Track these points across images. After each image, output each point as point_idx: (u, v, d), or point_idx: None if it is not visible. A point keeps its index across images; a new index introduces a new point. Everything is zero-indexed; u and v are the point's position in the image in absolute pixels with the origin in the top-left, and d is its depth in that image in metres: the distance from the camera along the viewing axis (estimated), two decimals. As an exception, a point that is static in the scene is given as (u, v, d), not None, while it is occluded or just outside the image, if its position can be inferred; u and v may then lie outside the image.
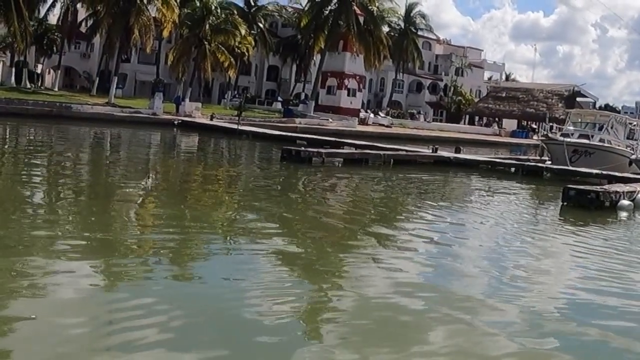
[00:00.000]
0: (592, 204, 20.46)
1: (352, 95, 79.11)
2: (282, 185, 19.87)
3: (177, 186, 18.08)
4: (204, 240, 12.57)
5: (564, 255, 14.00)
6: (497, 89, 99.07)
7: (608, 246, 14.93)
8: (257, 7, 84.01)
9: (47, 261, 9.81)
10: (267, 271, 10.49)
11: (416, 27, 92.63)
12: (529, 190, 28.21)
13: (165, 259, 10.76)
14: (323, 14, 71.48)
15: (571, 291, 10.80)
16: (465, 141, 59.01)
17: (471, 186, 28.63)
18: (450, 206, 20.44)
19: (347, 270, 11.16)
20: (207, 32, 62.10)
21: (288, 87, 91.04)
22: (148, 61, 78.07)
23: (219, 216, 15.42)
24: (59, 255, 10.31)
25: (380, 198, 21.01)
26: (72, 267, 9.61)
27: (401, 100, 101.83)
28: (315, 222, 15.62)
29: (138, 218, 14.68)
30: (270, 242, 12.65)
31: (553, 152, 36.07)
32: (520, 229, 16.58)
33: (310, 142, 38.20)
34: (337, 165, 28.89)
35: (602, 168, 30.80)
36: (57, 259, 10.07)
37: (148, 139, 42.06)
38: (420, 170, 30.17)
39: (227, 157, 36.12)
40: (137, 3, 58.00)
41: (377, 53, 73.55)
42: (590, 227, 17.78)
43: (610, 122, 39.65)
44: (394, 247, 13.26)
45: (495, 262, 12.57)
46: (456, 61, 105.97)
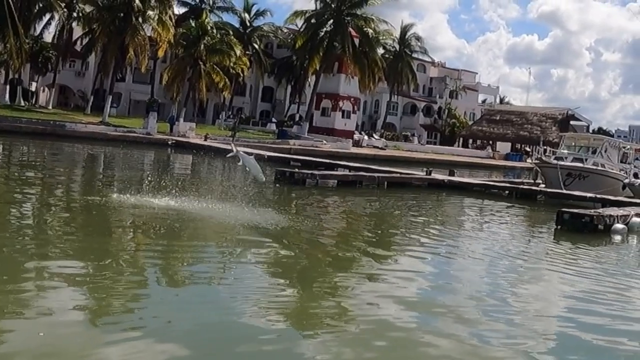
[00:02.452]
0: (586, 228, 20.38)
1: (346, 117, 79.23)
2: (275, 206, 19.77)
3: (169, 204, 17.92)
4: (195, 259, 12.53)
5: (557, 279, 13.90)
6: (491, 112, 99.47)
7: (601, 270, 14.84)
8: (253, 27, 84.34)
9: (35, 283, 9.69)
10: (259, 287, 10.51)
11: (411, 50, 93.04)
12: (522, 214, 28.13)
13: (156, 274, 10.84)
14: (318, 36, 71.64)
15: (564, 315, 10.73)
16: (459, 164, 59.09)
17: (465, 209, 28.56)
18: (443, 229, 20.22)
19: (341, 289, 11.15)
20: (203, 52, 62.25)
21: (283, 108, 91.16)
22: (143, 80, 78.15)
23: (212, 235, 15.32)
24: (47, 275, 10.20)
25: (374, 220, 20.90)
26: (58, 288, 9.52)
27: (395, 122, 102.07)
28: (308, 243, 15.50)
29: (131, 232, 14.60)
30: (263, 260, 12.65)
31: (547, 176, 36.10)
32: (514, 253, 16.45)
33: (304, 163, 38.17)
34: (330, 187, 28.81)
35: (595, 192, 30.79)
36: (45, 279, 9.96)
37: (142, 159, 41.92)
38: (414, 193, 30.12)
39: (221, 178, 35.99)
40: (132, 22, 58.22)
41: (372, 75, 73.76)
42: (584, 250, 17.71)
43: (604, 145, 39.76)
44: (386, 269, 13.16)
45: (489, 285, 12.49)
46: (451, 84, 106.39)
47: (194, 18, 69.17)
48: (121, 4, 58.83)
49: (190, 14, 76.57)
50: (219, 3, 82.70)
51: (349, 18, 70.72)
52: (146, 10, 59.95)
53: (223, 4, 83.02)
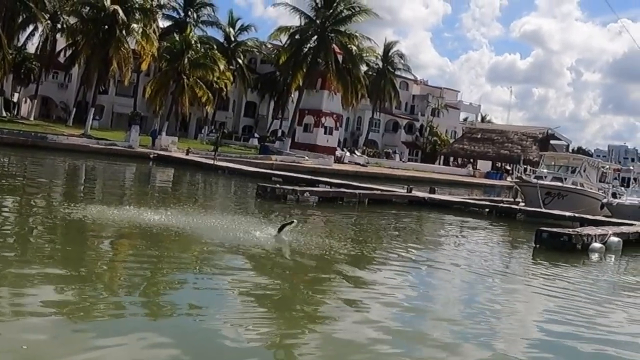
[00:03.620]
0: (565, 247, 20.58)
1: (328, 134, 79.46)
2: (255, 223, 19.74)
3: (148, 220, 17.88)
4: (173, 276, 12.51)
5: (535, 299, 14.01)
6: (472, 130, 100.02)
7: (579, 290, 14.97)
8: (237, 42, 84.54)
9: (13, 293, 9.74)
10: (235, 308, 10.44)
11: (394, 67, 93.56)
12: (502, 232, 28.31)
13: (134, 293, 10.73)
14: (302, 52, 71.91)
15: (541, 335, 10.80)
16: (440, 181, 59.33)
17: (445, 227, 28.66)
18: (422, 247, 20.32)
19: (317, 310, 11.11)
20: (186, 66, 62.23)
21: (265, 124, 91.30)
22: (126, 93, 78.12)
23: (189, 252, 15.22)
24: (26, 286, 10.23)
25: (353, 237, 20.85)
26: (40, 298, 9.55)
27: (377, 139, 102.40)
28: (286, 261, 15.50)
29: (108, 251, 14.57)
30: (240, 280, 12.57)
31: (527, 194, 36.39)
32: (493, 271, 16.53)
33: (285, 179, 38.27)
34: (312, 203, 28.86)
35: (574, 211, 31.06)
36: (23, 291, 9.99)
37: (123, 172, 41.84)
38: (395, 210, 30.21)
39: (202, 193, 35.96)
40: (116, 35, 58.26)
41: (354, 92, 74.00)
42: (562, 269, 17.86)
43: (583, 165, 40.18)
44: (364, 288, 13.12)
45: (467, 304, 12.58)
46: (433, 102, 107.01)
47: (178, 32, 69.21)
48: (105, 17, 58.82)
49: (175, 27, 76.64)
50: (203, 17, 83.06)
51: (333, 35, 71.00)
52: (130, 23, 60.01)
53: (208, 19, 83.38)
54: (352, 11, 71.32)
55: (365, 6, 72.29)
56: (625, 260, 21.34)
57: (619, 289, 16.18)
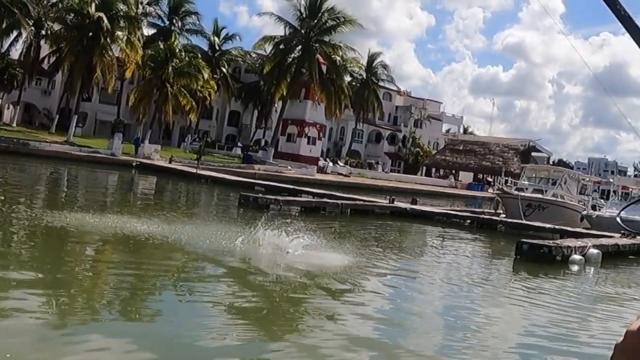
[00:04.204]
0: (545, 258, 20.73)
1: (311, 144, 79.54)
2: (237, 232, 19.63)
3: (129, 229, 17.85)
4: (153, 284, 12.52)
5: (515, 310, 14.10)
6: (454, 142, 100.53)
7: (559, 301, 15.09)
8: (221, 51, 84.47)
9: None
10: (215, 322, 10.38)
11: (378, 78, 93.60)
12: (483, 243, 28.45)
13: (114, 300, 10.74)
14: (286, 61, 71.97)
15: (520, 347, 10.88)
16: (422, 192, 59.49)
17: (426, 238, 28.79)
18: (403, 258, 20.29)
19: (295, 321, 11.11)
20: (170, 74, 62.22)
21: (248, 133, 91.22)
22: (109, 101, 77.85)
23: (169, 261, 15.18)
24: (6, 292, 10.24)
25: (335, 248, 20.61)
26: (21, 305, 9.56)
27: (360, 150, 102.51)
28: (266, 271, 15.43)
29: (89, 260, 14.57)
30: (220, 293, 12.55)
31: (508, 206, 36.65)
32: (473, 282, 16.65)
33: (268, 189, 38.30)
34: (294, 213, 28.89)
35: (554, 222, 31.31)
36: (2, 296, 10.00)
37: (105, 180, 41.75)
38: (377, 221, 30.26)
39: (184, 202, 35.93)
40: (101, 42, 58.19)
41: (338, 102, 74.04)
42: (542, 281, 18.02)
43: (564, 177, 40.54)
44: (345, 301, 13.09)
45: (447, 316, 12.67)
46: (415, 113, 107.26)
47: (163, 40, 69.22)
48: (90, 24, 58.76)
49: (159, 35, 76.53)
50: (188, 26, 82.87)
51: (317, 45, 71.09)
52: (115, 30, 59.99)
53: (192, 27, 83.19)
54: (337, 21, 71.47)
55: (349, 17, 72.48)
56: (604, 272, 21.52)
57: (598, 301, 16.33)
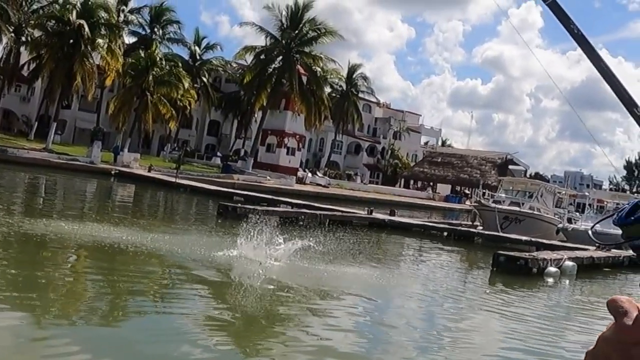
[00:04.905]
0: (521, 270, 21.00)
1: (291, 154, 79.70)
2: (215, 242, 19.56)
3: (106, 237, 17.79)
4: (128, 295, 12.48)
5: (491, 321, 14.29)
6: (433, 154, 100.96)
7: (535, 313, 15.31)
8: (202, 61, 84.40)
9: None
10: (191, 337, 10.29)
11: (357, 90, 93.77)
12: (460, 255, 28.69)
13: (85, 313, 10.72)
14: (267, 72, 72.07)
15: (492, 356, 11.05)
16: (400, 204, 59.61)
17: (404, 249, 28.96)
18: (380, 270, 19.97)
19: (271, 336, 11.03)
20: (150, 83, 62.12)
21: (228, 143, 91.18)
22: (89, 109, 77.54)
23: (146, 272, 15.10)
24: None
25: (311, 258, 19.48)
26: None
27: (339, 161, 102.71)
28: (242, 282, 15.31)
29: (64, 267, 14.57)
30: (194, 303, 12.52)
31: (485, 218, 36.92)
32: (450, 295, 16.79)
33: (247, 199, 38.38)
34: (273, 223, 28.81)
35: (531, 235, 31.57)
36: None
37: (84, 188, 41.63)
38: (355, 232, 30.28)
39: (163, 211, 35.93)
40: (81, 50, 58.02)
41: (318, 113, 74.14)
42: (519, 292, 18.24)
43: (540, 190, 40.89)
44: (320, 313, 13.02)
45: (423, 328, 12.78)
46: (395, 125, 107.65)
47: (144, 48, 69.00)
48: (71, 31, 58.60)
49: (140, 44, 76.28)
50: (169, 34, 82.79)
51: (298, 55, 71.26)
52: (96, 38, 59.83)
53: (173, 36, 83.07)
54: (318, 32, 71.73)
55: (330, 28, 72.74)
56: (579, 284, 21.84)
57: (573, 313, 16.59)
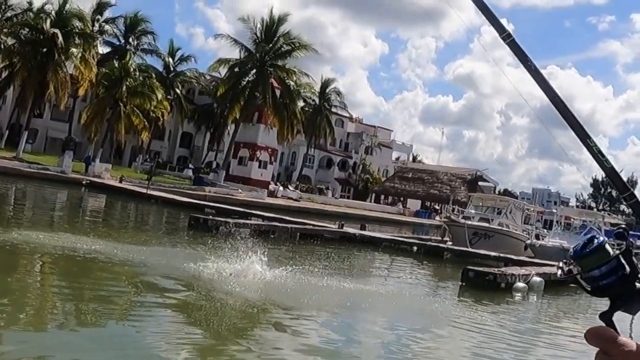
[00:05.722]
0: (490, 285, 21.30)
1: (263, 167, 79.81)
2: (185, 255, 19.38)
3: (75, 248, 17.66)
4: (93, 307, 12.35)
5: (458, 335, 14.42)
6: (403, 170, 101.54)
7: (503, 327, 15.52)
8: (176, 72, 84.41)
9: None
10: (155, 353, 10.14)
11: (330, 104, 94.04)
12: (430, 270, 28.88)
13: (47, 330, 10.63)
14: (240, 85, 72.12)
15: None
16: (370, 218, 59.81)
17: (374, 263, 29.09)
18: (350, 285, 19.03)
19: (238, 354, 10.84)
20: (124, 93, 62.00)
21: (200, 155, 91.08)
22: (61, 118, 77.16)
23: (113, 283, 14.97)
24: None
25: (282, 275, 18.63)
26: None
27: (311, 175, 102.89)
28: (210, 299, 14.85)
29: (30, 277, 14.56)
30: (160, 318, 12.39)
31: (454, 234, 37.27)
32: (420, 309, 16.89)
33: (218, 211, 38.39)
34: (244, 236, 28.65)
35: (499, 251, 31.90)
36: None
37: (54, 197, 41.42)
38: (326, 245, 30.47)
39: (134, 222, 35.82)
40: (55, 59, 57.81)
41: (290, 127, 74.25)
42: (486, 307, 18.46)
43: (509, 207, 41.40)
44: (288, 330, 12.77)
45: (391, 342, 12.86)
46: (367, 140, 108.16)
47: (118, 59, 68.93)
48: (44, 40, 58.44)
49: (114, 54, 76.10)
50: (143, 45, 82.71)
51: (272, 69, 71.37)
52: (69, 47, 59.67)
53: (148, 47, 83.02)
54: (292, 46, 71.97)
55: (305, 42, 73.03)
56: (546, 300, 22.19)
57: (540, 328, 16.87)
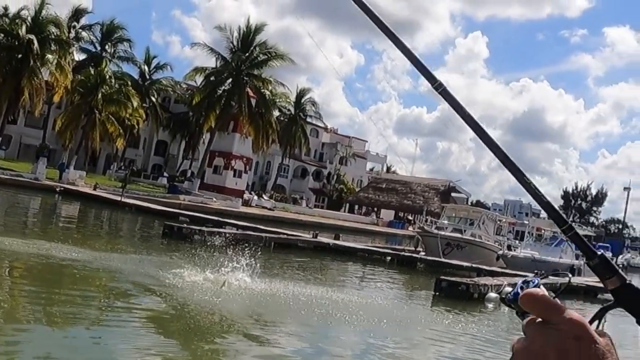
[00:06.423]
0: (462, 295, 21.62)
1: (237, 176, 79.83)
2: (157, 265, 19.28)
3: (45, 257, 17.58)
4: (64, 316, 12.26)
5: (432, 346, 14.59)
6: (377, 180, 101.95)
7: (475, 337, 15.71)
8: (152, 80, 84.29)
9: None
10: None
11: (305, 114, 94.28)
12: (403, 280, 29.12)
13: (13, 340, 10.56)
14: (216, 93, 72.11)
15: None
16: (344, 228, 59.94)
17: (347, 273, 29.19)
18: (323, 293, 19.00)
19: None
20: (99, 101, 61.85)
21: (175, 163, 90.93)
22: (35, 125, 76.77)
23: (84, 292, 14.83)
24: None
25: (254, 286, 18.46)
26: None
27: (285, 184, 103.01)
28: (182, 309, 14.50)
29: (7, 282, 14.63)
30: (131, 327, 12.23)
31: (428, 244, 37.56)
32: (392, 317, 16.97)
33: (193, 219, 38.41)
34: (217, 244, 28.57)
35: (472, 261, 32.28)
36: None
37: (27, 204, 41.20)
38: (300, 255, 30.62)
39: (108, 229, 35.72)
40: (30, 65, 57.60)
41: (265, 136, 74.33)
42: (460, 317, 18.63)
43: (482, 218, 41.81)
44: (260, 342, 12.62)
45: (363, 351, 13.04)
46: (341, 150, 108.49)
47: (93, 66, 68.71)
48: (20, 45, 58.25)
49: (90, 61, 75.83)
50: (119, 52, 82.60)
51: (248, 78, 71.48)
52: (45, 53, 59.52)
53: (124, 54, 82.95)
54: (268, 56, 72.20)
55: (281, 52, 73.27)
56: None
57: (512, 337, 16.98)
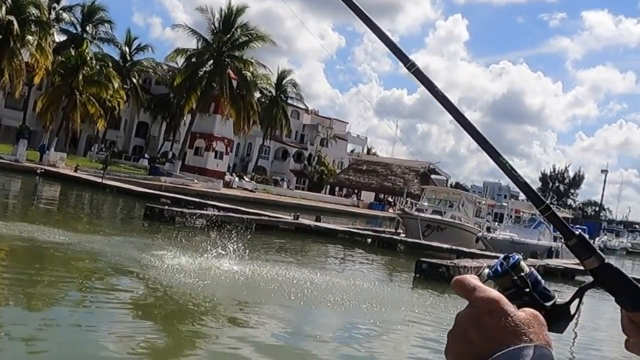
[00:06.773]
0: (442, 277, 21.83)
1: (219, 158, 79.93)
2: (139, 247, 19.33)
3: (23, 239, 17.55)
4: (44, 298, 12.28)
5: (411, 326, 14.81)
6: (358, 162, 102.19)
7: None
8: (133, 61, 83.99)
9: None
10: (103, 345, 9.94)
11: (287, 96, 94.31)
12: (384, 261, 29.29)
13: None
14: (197, 75, 72.12)
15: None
16: (325, 210, 60.15)
17: (328, 255, 29.44)
18: (304, 275, 18.95)
19: (191, 351, 10.73)
20: (80, 82, 61.59)
21: (156, 145, 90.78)
22: (15, 106, 76.38)
23: (63, 280, 14.54)
24: None
25: (236, 264, 18.70)
26: None
27: (266, 166, 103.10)
28: (162, 292, 14.41)
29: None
30: (112, 313, 12.01)
31: (408, 226, 37.84)
32: (373, 299, 16.90)
33: (174, 201, 38.52)
34: (199, 226, 28.92)
35: (452, 243, 32.44)
36: None
37: (7, 186, 41.10)
38: (281, 236, 30.81)
39: (88, 211, 35.76)
40: (10, 46, 57.23)
41: (247, 118, 74.44)
42: (439, 298, 18.87)
43: (462, 200, 42.16)
44: (240, 325, 12.59)
45: (342, 334, 13.18)
46: (322, 132, 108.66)
47: (74, 47, 68.34)
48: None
49: (70, 42, 75.51)
50: (100, 34, 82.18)
51: (229, 60, 71.54)
52: (25, 35, 59.13)
53: (104, 35, 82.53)
54: (249, 37, 72.21)
55: (262, 33, 73.32)
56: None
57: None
